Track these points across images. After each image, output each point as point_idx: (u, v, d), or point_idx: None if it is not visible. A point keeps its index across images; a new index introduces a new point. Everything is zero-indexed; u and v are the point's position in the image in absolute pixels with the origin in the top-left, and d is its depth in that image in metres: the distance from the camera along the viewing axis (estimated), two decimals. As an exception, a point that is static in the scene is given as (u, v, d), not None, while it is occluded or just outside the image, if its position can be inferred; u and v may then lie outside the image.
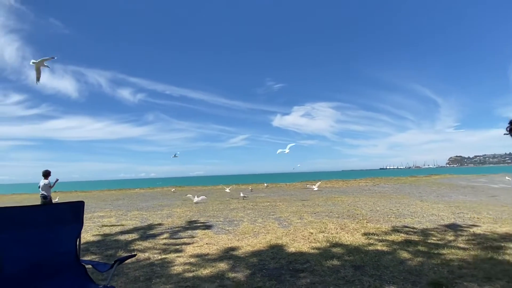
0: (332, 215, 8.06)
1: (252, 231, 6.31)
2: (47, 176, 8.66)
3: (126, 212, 10.51)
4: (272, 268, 3.80)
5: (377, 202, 10.79)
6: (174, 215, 9.23)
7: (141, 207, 12.15)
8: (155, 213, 9.94)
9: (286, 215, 8.31)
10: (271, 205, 11.16)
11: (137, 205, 13.10)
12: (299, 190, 19.60)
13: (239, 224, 7.18)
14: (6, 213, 2.26)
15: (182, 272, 3.79)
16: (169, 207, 11.88)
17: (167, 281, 3.46)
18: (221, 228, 6.80)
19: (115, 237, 6.18)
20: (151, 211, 10.55)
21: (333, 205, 10.33)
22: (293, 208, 9.98)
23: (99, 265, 2.40)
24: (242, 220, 7.75)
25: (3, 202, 18.85)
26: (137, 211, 10.89)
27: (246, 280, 3.40)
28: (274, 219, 7.71)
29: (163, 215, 9.47)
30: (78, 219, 2.55)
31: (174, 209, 10.89)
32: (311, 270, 3.66)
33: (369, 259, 4.00)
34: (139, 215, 9.69)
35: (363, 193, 15.03)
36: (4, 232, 2.23)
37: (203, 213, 9.46)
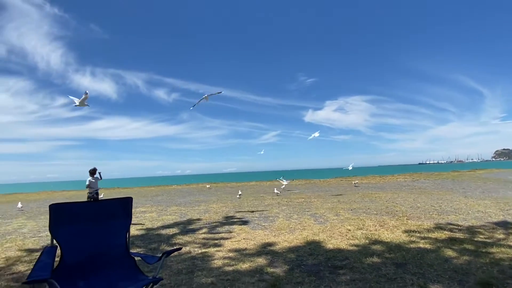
0: (370, 212, 7.87)
1: (288, 227, 6.33)
2: (94, 173, 9.21)
3: (165, 208, 10.94)
4: (310, 264, 3.81)
5: (417, 199, 10.37)
6: (211, 211, 9.48)
7: (179, 203, 12.59)
8: (193, 209, 10.26)
9: (322, 212, 8.24)
10: (305, 201, 11.10)
11: (176, 201, 13.58)
12: (334, 186, 19.29)
13: (274, 220, 7.23)
14: (66, 208, 2.47)
15: (222, 266, 3.91)
16: (205, 203, 12.20)
17: (208, 274, 3.59)
18: (257, 223, 6.89)
19: (157, 232, 6.48)
20: (189, 207, 10.91)
21: (371, 202, 10.07)
22: (329, 204, 9.86)
23: (147, 257, 2.54)
24: (278, 216, 7.80)
25: (55, 198, 20.31)
26: (176, 206, 11.30)
27: (285, 275, 3.44)
28: (310, 216, 7.68)
29: (200, 210, 9.76)
30: (127, 214, 2.73)
31: (210, 205, 11.17)
32: (350, 267, 3.63)
33: (411, 257, 3.89)
34: (178, 210, 10.05)
35: (402, 189, 14.49)
36: (64, 225, 2.44)
37: (239, 209, 9.62)
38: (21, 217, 10.24)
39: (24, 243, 5.94)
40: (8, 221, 9.33)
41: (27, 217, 10.02)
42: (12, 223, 8.82)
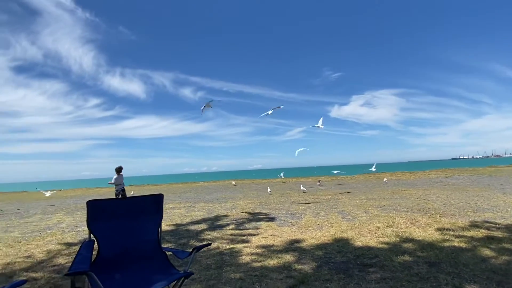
0: (400, 209, 7.66)
1: (315, 224, 6.29)
2: (119, 171, 9.59)
3: (193, 204, 11.19)
4: (339, 262, 3.77)
5: (451, 195, 9.96)
6: (238, 207, 9.59)
7: (206, 199, 12.83)
8: (220, 205, 10.42)
9: (350, 209, 8.11)
10: (332, 198, 10.96)
11: (203, 198, 13.84)
12: (362, 183, 18.89)
13: (301, 217, 7.21)
14: (102, 205, 2.59)
15: (250, 261, 3.95)
16: (232, 199, 12.34)
17: (236, 270, 3.65)
18: (283, 220, 6.90)
19: (186, 227, 6.64)
20: (216, 203, 11.09)
21: (401, 199, 9.79)
22: (357, 201, 9.68)
23: (178, 252, 2.62)
24: (304, 213, 7.76)
25: (89, 195, 21.30)
26: (203, 203, 11.52)
27: (313, 272, 3.43)
28: (337, 213, 7.58)
29: (227, 207, 9.89)
30: (159, 210, 2.82)
31: (237, 202, 11.30)
32: (380, 265, 3.56)
33: (445, 256, 3.75)
34: (205, 206, 10.25)
35: (434, 186, 13.96)
36: (101, 220, 2.56)
37: (265, 206, 9.66)
38: (60, 212, 10.83)
39: (63, 237, 6.29)
40: (48, 216, 9.90)
41: (65, 213, 10.58)
42: (52, 218, 9.35)
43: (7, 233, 7.01)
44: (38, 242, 5.85)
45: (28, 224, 8.36)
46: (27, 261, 4.56)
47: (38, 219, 9.21)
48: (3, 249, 5.38)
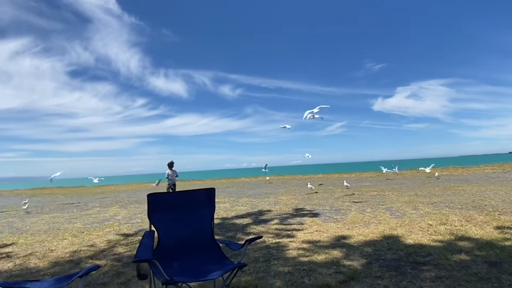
0: (453, 206, 7.23)
1: (362, 220, 6.16)
2: (172, 166, 10.08)
3: (237, 199, 11.44)
4: (389, 259, 3.68)
5: (510, 192, 9.19)
6: (281, 203, 9.64)
7: (249, 194, 13.05)
8: (263, 200, 10.55)
9: (398, 205, 7.81)
10: (379, 194, 10.61)
11: (246, 193, 14.09)
12: (410, 178, 18.03)
13: (346, 213, 7.09)
14: (160, 197, 2.78)
15: (297, 256, 3.99)
16: (274, 195, 12.43)
17: (284, 263, 3.71)
18: (328, 216, 6.83)
19: (232, 221, 6.83)
20: (259, 198, 11.24)
21: (453, 195, 9.23)
22: (405, 198, 9.29)
23: (231, 244, 2.73)
24: (350, 209, 7.61)
25: (140, 189, 22.57)
26: (246, 198, 11.74)
27: (363, 269, 3.39)
28: (385, 209, 7.34)
29: (270, 202, 9.99)
30: (211, 203, 2.95)
31: (279, 197, 11.36)
32: (434, 263, 3.42)
33: (507, 256, 3.51)
34: (248, 201, 10.44)
35: (491, 182, 12.95)
36: (160, 212, 2.74)
37: (308, 201, 9.61)
38: (115, 205, 11.64)
39: (120, 228, 6.77)
40: (105, 209, 10.69)
41: (120, 206, 11.35)
42: (109, 211, 10.09)
43: (71, 224, 7.69)
44: (98, 233, 6.36)
45: (88, 216, 9.10)
46: (90, 250, 4.99)
47: (96, 212, 9.99)
48: (69, 239, 5.92)
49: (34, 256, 4.75)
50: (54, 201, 15.16)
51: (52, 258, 4.59)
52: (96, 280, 3.47)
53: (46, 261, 4.44)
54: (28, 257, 4.68)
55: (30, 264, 4.34)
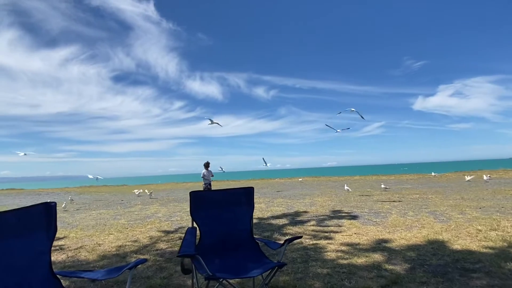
0: (505, 211, 6.73)
1: (404, 224, 5.92)
2: (208, 166, 10.31)
3: (272, 199, 11.45)
4: (435, 265, 3.51)
5: None
6: (317, 204, 9.51)
7: (284, 195, 13.01)
8: (298, 201, 10.47)
9: (443, 209, 7.41)
10: (421, 197, 10.13)
11: (280, 193, 14.06)
12: (454, 181, 17.03)
13: (387, 216, 6.84)
14: (202, 195, 2.87)
15: (336, 258, 3.92)
16: (310, 196, 12.29)
17: (323, 265, 3.66)
18: (367, 219, 6.64)
19: (268, 221, 6.86)
20: (294, 199, 11.17)
21: (505, 200, 8.58)
22: (450, 201, 8.79)
23: (270, 243, 2.74)
24: (390, 212, 7.34)
25: (178, 188, 23.32)
26: (281, 198, 11.72)
27: (406, 273, 3.26)
28: (428, 213, 7.00)
29: (306, 203, 9.89)
30: (250, 202, 2.99)
31: (315, 198, 11.21)
32: (486, 271, 3.21)
33: None
34: (284, 202, 10.41)
35: (549, 186, 11.88)
36: (201, 209, 2.82)
37: (345, 203, 9.40)
38: (156, 204, 12.13)
39: (161, 225, 7.04)
40: (146, 207, 11.17)
41: (160, 204, 11.80)
42: (150, 208, 10.53)
43: (116, 220, 8.12)
44: (141, 229, 6.66)
45: (131, 213, 9.56)
46: (134, 245, 5.24)
47: (138, 209, 10.46)
48: (114, 234, 6.26)
49: (84, 249, 5.08)
50: (100, 199, 16.09)
51: (100, 251, 4.88)
52: (140, 273, 3.64)
53: (95, 254, 4.72)
54: (79, 250, 5.01)
55: (80, 256, 4.64)
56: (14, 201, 16.98)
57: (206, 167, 10.33)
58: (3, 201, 17.69)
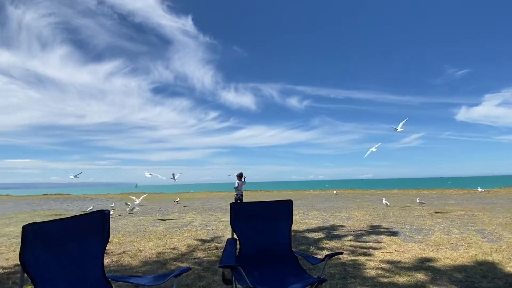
0: None
1: (448, 242, 5.60)
2: (241, 177, 10.39)
3: (306, 212, 11.31)
4: (485, 288, 3.29)
5: None
6: (354, 218, 9.26)
7: (319, 208, 12.79)
8: (334, 215, 10.25)
9: (492, 228, 6.92)
10: (466, 214, 9.53)
11: (315, 206, 13.84)
12: (505, 197, 15.81)
13: (429, 233, 6.51)
14: (242, 207, 2.94)
15: (375, 276, 3.80)
16: (346, 209, 11.99)
17: (362, 283, 3.56)
18: (408, 236, 6.36)
19: (303, 234, 6.78)
20: (329, 212, 10.95)
21: None
22: (500, 219, 8.19)
23: (309, 257, 2.74)
24: (433, 230, 6.98)
25: (212, 197, 23.70)
26: (316, 211, 11.53)
27: (453, 296, 3.09)
28: (475, 231, 6.57)
29: (342, 217, 9.66)
30: (289, 215, 3.01)
31: (352, 212, 10.92)
32: (545, 299, 2.96)
33: None
34: (319, 215, 10.24)
35: None
36: (241, 221, 2.88)
37: (384, 218, 9.06)
38: (192, 212, 12.43)
39: (197, 234, 7.20)
40: (183, 215, 11.48)
41: (196, 213, 12.08)
42: (186, 217, 10.81)
43: (154, 227, 8.42)
44: (178, 237, 6.85)
45: (169, 220, 9.87)
46: (173, 252, 5.41)
47: (175, 217, 10.78)
48: (154, 241, 6.49)
49: (127, 254, 5.33)
50: (177, 203, 16.75)
51: (141, 257, 5.09)
52: (180, 281, 3.75)
53: (137, 259, 4.94)
54: (122, 255, 5.26)
55: (124, 261, 4.88)
56: (62, 206, 18.16)
57: (239, 177, 10.43)
58: (52, 205, 18.98)
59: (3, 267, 4.65)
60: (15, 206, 18.44)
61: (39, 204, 20.79)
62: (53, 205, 19.21)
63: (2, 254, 5.59)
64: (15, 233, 7.91)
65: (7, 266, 4.72)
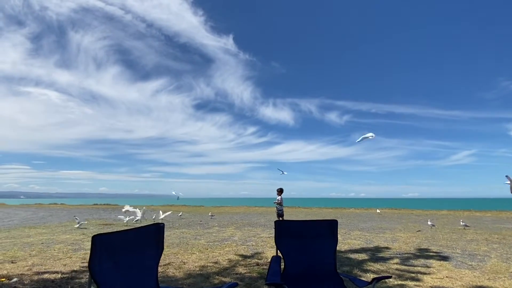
0: None
1: (507, 271, 5.16)
2: (281, 192, 10.38)
3: (348, 231, 10.96)
4: (553, 325, 3.00)
5: None
6: (400, 240, 8.83)
7: (361, 228, 12.34)
8: (378, 236, 9.84)
9: (559, 258, 6.25)
10: (528, 241, 8.69)
11: (357, 225, 13.38)
12: None
13: (485, 260, 6.04)
14: (286, 225, 2.99)
15: (426, 303, 3.61)
16: (390, 230, 11.45)
17: (411, 309, 3.40)
18: (460, 261, 5.95)
19: (346, 255, 6.60)
20: (372, 233, 10.53)
21: None
22: None
23: (356, 280, 2.69)
24: (489, 256, 6.46)
25: (250, 212, 23.80)
26: (358, 231, 11.14)
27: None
28: (540, 261, 5.98)
29: (386, 238, 9.25)
30: (334, 235, 3.00)
31: (397, 233, 10.41)
32: None
33: None
34: (362, 235, 9.89)
35: None
36: (285, 238, 2.93)
37: (433, 242, 8.54)
38: (231, 226, 12.59)
39: (238, 249, 7.29)
40: (223, 229, 11.67)
41: (235, 227, 12.21)
42: (226, 231, 10.97)
43: (196, 240, 8.65)
44: (220, 251, 6.98)
45: (209, 234, 10.08)
46: (215, 266, 5.52)
47: (216, 231, 10.98)
48: (196, 254, 6.68)
49: (171, 266, 5.53)
50: (181, 218, 17.28)
51: (185, 269, 5.26)
52: (224, 295, 3.83)
53: (181, 272, 5.11)
54: (167, 267, 5.48)
55: (169, 273, 5.07)
56: (111, 216, 19.23)
57: (280, 193, 10.43)
58: (102, 215, 20.19)
59: (62, 273, 5.05)
60: (69, 215, 19.85)
61: (90, 213, 22.21)
62: (103, 214, 20.41)
63: (60, 260, 6.06)
64: (70, 240, 8.54)
65: (65, 272, 5.11)
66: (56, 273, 4.98)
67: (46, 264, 5.65)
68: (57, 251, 6.92)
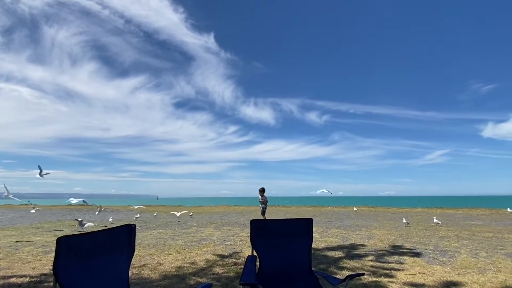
0: None
1: (476, 266, 5.37)
2: (263, 192, 10.48)
3: (326, 229, 11.11)
4: (516, 317, 3.13)
5: None
6: (375, 237, 9.03)
7: (338, 225, 12.54)
8: (354, 233, 10.02)
9: (523, 252, 6.58)
10: (495, 236, 9.10)
11: (334, 223, 13.58)
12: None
13: (455, 256, 6.26)
14: (262, 224, 2.96)
15: (398, 299, 3.69)
16: (366, 228, 11.70)
17: (384, 305, 3.46)
18: (432, 257, 6.14)
19: (323, 253, 6.67)
20: (349, 230, 10.72)
21: None
22: (532, 243, 7.77)
23: (329, 278, 2.70)
24: (459, 251, 6.71)
25: (230, 212, 23.71)
26: (335, 229, 11.31)
27: (481, 323, 2.96)
28: (505, 255, 6.27)
29: (362, 235, 9.44)
30: (309, 233, 3.01)
31: (372, 231, 10.64)
32: None
33: None
34: (338, 233, 10.04)
35: None
36: (261, 238, 2.90)
37: (407, 239, 8.79)
38: (210, 226, 12.47)
39: (216, 249, 7.22)
40: (201, 229, 11.54)
41: (214, 227, 12.11)
42: (204, 231, 10.86)
43: (173, 241, 8.51)
44: (197, 251, 6.89)
45: (187, 234, 9.94)
46: (192, 267, 5.44)
47: (194, 231, 10.85)
48: (173, 254, 6.56)
49: (147, 267, 5.40)
50: (158, 218, 16.97)
51: (161, 271, 5.15)
52: (199, 296, 3.77)
53: (157, 273, 5.00)
54: (142, 268, 5.34)
55: (144, 274, 4.95)
56: (85, 217, 18.63)
57: (262, 192, 10.56)
58: (76, 215, 19.51)
59: (30, 276, 4.83)
60: (41, 216, 19.09)
61: (63, 214, 21.45)
62: (77, 215, 19.75)
63: (29, 263, 5.79)
64: (41, 243, 8.20)
65: (34, 275, 4.89)
66: (24, 277, 4.76)
67: (13, 268, 5.39)
68: (26, 254, 6.62)
